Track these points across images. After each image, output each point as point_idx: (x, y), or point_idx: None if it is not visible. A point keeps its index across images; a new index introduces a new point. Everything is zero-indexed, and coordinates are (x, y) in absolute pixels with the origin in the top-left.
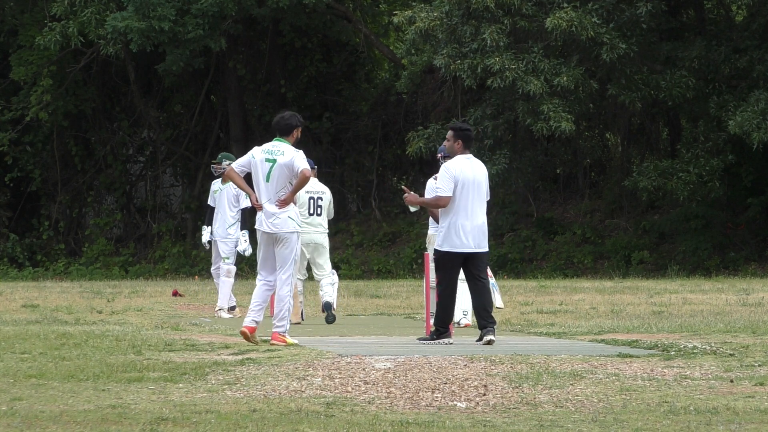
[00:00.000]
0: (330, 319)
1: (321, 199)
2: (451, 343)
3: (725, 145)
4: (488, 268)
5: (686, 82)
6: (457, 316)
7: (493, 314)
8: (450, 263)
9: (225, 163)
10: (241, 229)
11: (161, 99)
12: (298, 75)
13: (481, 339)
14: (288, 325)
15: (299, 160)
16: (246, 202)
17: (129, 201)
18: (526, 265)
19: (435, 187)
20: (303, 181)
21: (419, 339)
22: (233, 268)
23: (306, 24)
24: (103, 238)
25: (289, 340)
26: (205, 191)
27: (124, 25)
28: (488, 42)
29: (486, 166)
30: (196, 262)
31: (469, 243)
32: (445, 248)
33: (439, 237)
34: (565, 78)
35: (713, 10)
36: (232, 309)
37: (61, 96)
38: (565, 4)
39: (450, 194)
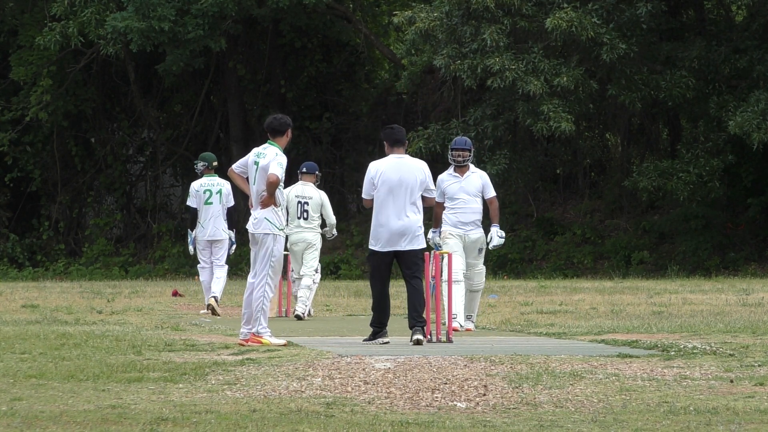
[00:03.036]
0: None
1: (307, 203)
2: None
3: (725, 146)
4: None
5: (686, 82)
6: (462, 320)
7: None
8: (377, 262)
9: (200, 164)
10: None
11: (161, 99)
12: (298, 75)
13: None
14: (263, 325)
15: (273, 164)
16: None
17: (129, 201)
18: (526, 265)
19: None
20: (269, 186)
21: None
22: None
23: (306, 24)
24: (103, 238)
25: (266, 340)
26: None
27: (124, 25)
28: (488, 42)
29: (486, 166)
30: (197, 262)
31: (392, 242)
32: (372, 247)
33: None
34: (565, 78)
35: (713, 10)
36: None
37: (61, 96)
38: (565, 5)
39: (367, 198)
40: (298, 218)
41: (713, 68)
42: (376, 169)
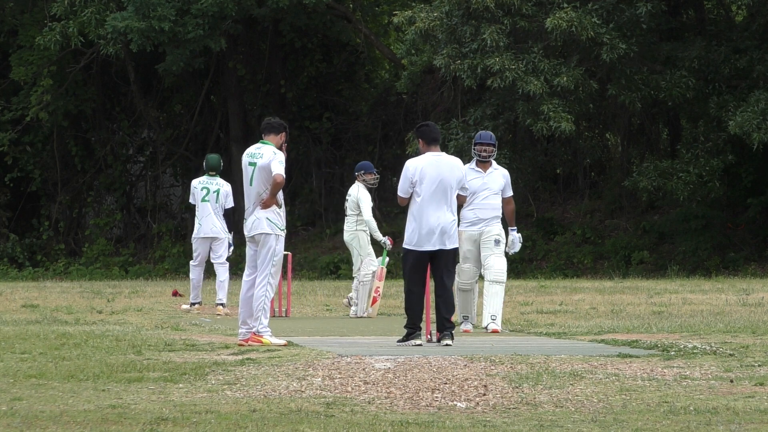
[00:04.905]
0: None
1: (347, 201)
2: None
3: (725, 146)
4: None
5: (686, 82)
6: (486, 320)
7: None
8: (415, 262)
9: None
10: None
11: (161, 99)
12: (298, 75)
13: (438, 341)
14: (264, 324)
15: (275, 164)
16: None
17: (129, 201)
18: (526, 265)
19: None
20: (276, 186)
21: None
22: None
23: (306, 24)
24: (103, 238)
25: (266, 340)
26: None
27: (124, 25)
28: (488, 42)
29: None
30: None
31: (431, 241)
32: (410, 247)
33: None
34: (565, 78)
35: (713, 10)
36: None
37: (61, 96)
38: (565, 5)
39: (405, 196)
40: (345, 216)
41: (713, 68)
42: (414, 166)
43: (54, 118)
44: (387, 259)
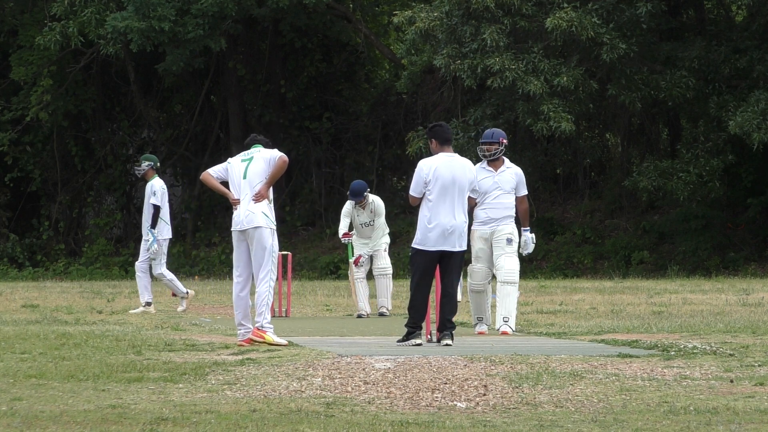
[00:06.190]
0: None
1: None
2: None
3: (725, 146)
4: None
5: (686, 82)
6: (498, 321)
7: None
8: (424, 262)
9: (145, 164)
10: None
11: (161, 99)
12: (298, 75)
13: (438, 341)
14: (268, 320)
15: (276, 151)
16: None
17: (129, 201)
18: (526, 265)
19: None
20: (283, 165)
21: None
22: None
23: (306, 24)
24: (103, 238)
25: (269, 337)
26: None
27: (124, 25)
28: (488, 42)
29: None
30: (196, 262)
31: (442, 242)
32: (421, 247)
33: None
34: (565, 78)
35: (713, 10)
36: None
37: (61, 96)
38: (565, 4)
39: (418, 195)
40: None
41: (713, 68)
42: (429, 166)
43: (54, 118)
44: (354, 251)
